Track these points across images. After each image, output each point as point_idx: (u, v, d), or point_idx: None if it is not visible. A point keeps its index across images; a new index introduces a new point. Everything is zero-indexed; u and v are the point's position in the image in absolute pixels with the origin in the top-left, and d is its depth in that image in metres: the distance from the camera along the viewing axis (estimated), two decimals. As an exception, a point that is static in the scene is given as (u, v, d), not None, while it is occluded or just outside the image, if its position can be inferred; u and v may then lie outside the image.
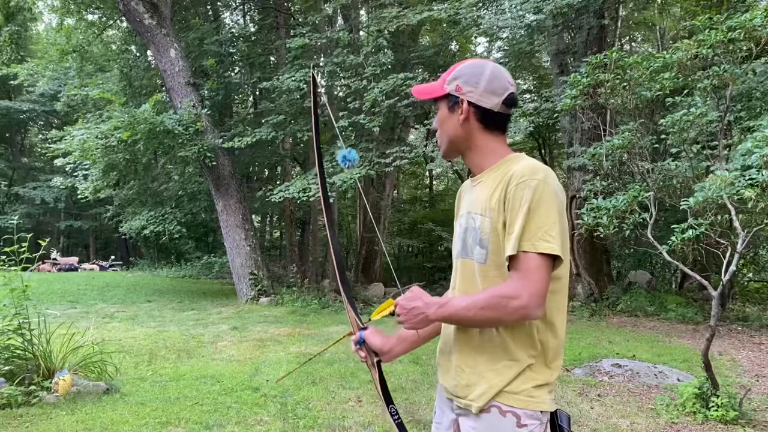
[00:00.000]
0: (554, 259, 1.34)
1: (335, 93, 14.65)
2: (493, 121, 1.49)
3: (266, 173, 20.90)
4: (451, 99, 1.52)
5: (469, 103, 1.48)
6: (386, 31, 10.94)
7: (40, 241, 5.14)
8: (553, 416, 1.44)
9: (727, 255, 4.15)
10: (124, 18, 13.31)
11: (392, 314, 1.48)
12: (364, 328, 1.67)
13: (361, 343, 1.66)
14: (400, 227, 21.19)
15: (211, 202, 13.44)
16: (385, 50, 10.89)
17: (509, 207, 1.36)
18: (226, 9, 17.37)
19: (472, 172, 1.57)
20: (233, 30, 16.36)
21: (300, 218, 19.12)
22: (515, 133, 11.62)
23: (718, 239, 4.24)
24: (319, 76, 14.42)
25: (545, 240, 1.32)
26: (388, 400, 1.67)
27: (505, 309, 1.31)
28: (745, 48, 4.76)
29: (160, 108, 11.91)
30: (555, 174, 1.44)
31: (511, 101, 1.48)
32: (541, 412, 1.40)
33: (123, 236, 20.59)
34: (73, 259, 22.86)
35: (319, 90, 1.88)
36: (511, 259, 1.34)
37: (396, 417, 1.62)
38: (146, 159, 13.51)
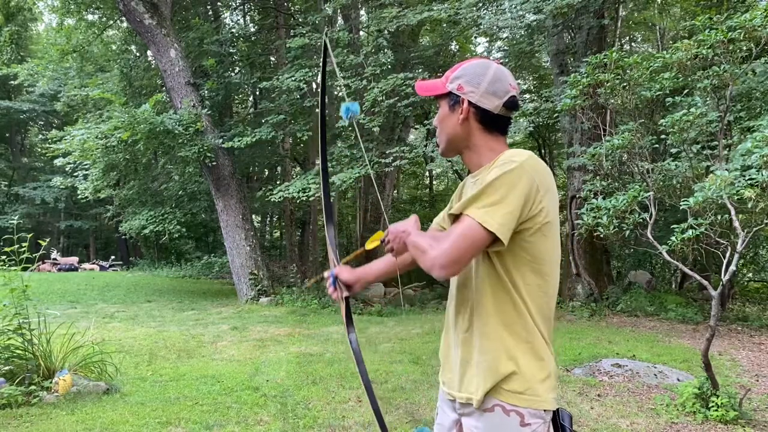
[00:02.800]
0: (494, 239, 1.33)
1: (335, 93, 14.67)
2: (493, 122, 1.49)
3: (266, 173, 20.92)
4: (452, 98, 1.52)
5: (470, 103, 1.48)
6: (386, 31, 10.95)
7: (40, 241, 5.14)
8: (555, 415, 1.45)
9: (727, 255, 4.15)
10: (124, 18, 13.32)
11: (382, 242, 1.61)
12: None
13: (334, 281, 1.84)
14: (400, 227, 21.15)
15: (211, 202, 13.45)
16: (385, 50, 10.90)
17: (480, 182, 1.40)
18: (226, 9, 17.38)
19: (471, 171, 1.58)
20: (233, 30, 16.38)
21: (300, 218, 19.13)
22: (515, 132, 11.64)
23: (718, 239, 4.24)
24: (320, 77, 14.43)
25: (487, 213, 1.32)
26: (350, 330, 1.90)
27: (421, 257, 1.39)
28: (745, 48, 4.76)
29: (160, 108, 11.91)
30: (545, 165, 1.44)
31: (511, 104, 1.48)
32: (545, 411, 1.40)
33: (123, 236, 20.60)
34: (73, 259, 22.83)
35: (329, 60, 1.95)
36: (455, 218, 1.40)
37: (354, 344, 1.86)
38: (146, 159, 13.53)
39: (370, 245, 1.68)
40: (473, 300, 1.46)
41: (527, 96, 15.29)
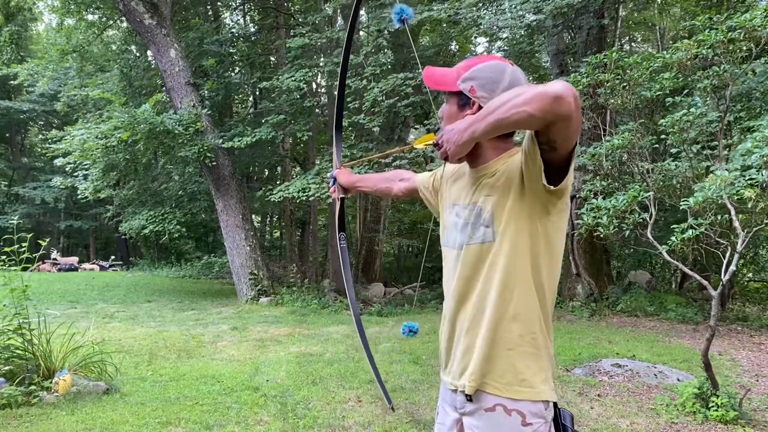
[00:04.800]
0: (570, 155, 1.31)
1: (335, 93, 14.62)
2: None
3: (266, 173, 20.92)
4: (462, 98, 1.49)
5: (481, 107, 1.45)
6: (386, 31, 10.93)
7: (40, 241, 5.14)
8: (557, 415, 1.45)
9: (727, 255, 4.15)
10: (124, 18, 13.32)
11: (435, 145, 1.49)
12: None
13: (334, 181, 2.04)
14: (400, 227, 21.19)
15: (211, 202, 13.45)
16: (385, 50, 10.89)
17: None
18: (226, 9, 17.38)
19: (471, 166, 1.54)
20: (233, 30, 16.37)
21: (300, 218, 19.13)
22: (515, 133, 11.60)
23: (718, 239, 4.24)
24: (320, 77, 14.45)
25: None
26: (341, 228, 2.10)
27: (544, 96, 1.19)
28: (745, 48, 4.76)
29: (160, 108, 11.91)
30: None
31: None
32: (545, 408, 1.41)
33: (123, 236, 20.59)
34: (73, 259, 22.83)
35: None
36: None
37: (342, 242, 2.04)
38: (146, 159, 13.52)
39: (418, 144, 1.61)
40: (484, 290, 1.44)
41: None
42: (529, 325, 1.41)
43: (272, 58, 15.63)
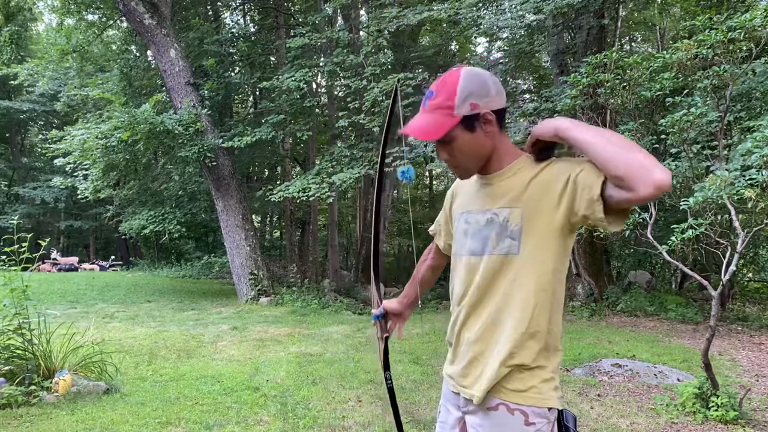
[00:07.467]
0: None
1: (335, 93, 14.67)
2: (504, 118, 1.48)
3: (266, 173, 20.93)
4: (467, 121, 1.42)
5: (491, 112, 1.43)
6: (386, 31, 10.93)
7: (40, 241, 5.14)
8: (560, 416, 1.45)
9: (727, 255, 4.15)
10: (124, 18, 13.32)
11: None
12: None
13: (380, 317, 1.83)
14: (400, 227, 21.20)
15: (211, 202, 13.45)
16: (385, 50, 10.89)
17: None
18: (226, 9, 17.39)
19: (485, 171, 1.51)
20: (233, 30, 16.38)
21: (300, 218, 19.14)
22: (515, 133, 11.63)
23: (718, 239, 4.24)
24: (320, 77, 14.46)
25: None
26: (386, 367, 1.84)
27: (647, 176, 1.25)
28: (745, 48, 4.75)
29: (160, 108, 11.92)
30: None
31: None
32: (549, 409, 1.41)
33: (123, 236, 20.60)
34: (73, 259, 22.85)
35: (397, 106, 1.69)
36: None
37: (389, 382, 1.82)
38: (146, 159, 13.54)
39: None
40: (503, 303, 1.44)
41: (527, 96, 15.27)
42: (546, 340, 1.42)
43: (272, 58, 15.64)
